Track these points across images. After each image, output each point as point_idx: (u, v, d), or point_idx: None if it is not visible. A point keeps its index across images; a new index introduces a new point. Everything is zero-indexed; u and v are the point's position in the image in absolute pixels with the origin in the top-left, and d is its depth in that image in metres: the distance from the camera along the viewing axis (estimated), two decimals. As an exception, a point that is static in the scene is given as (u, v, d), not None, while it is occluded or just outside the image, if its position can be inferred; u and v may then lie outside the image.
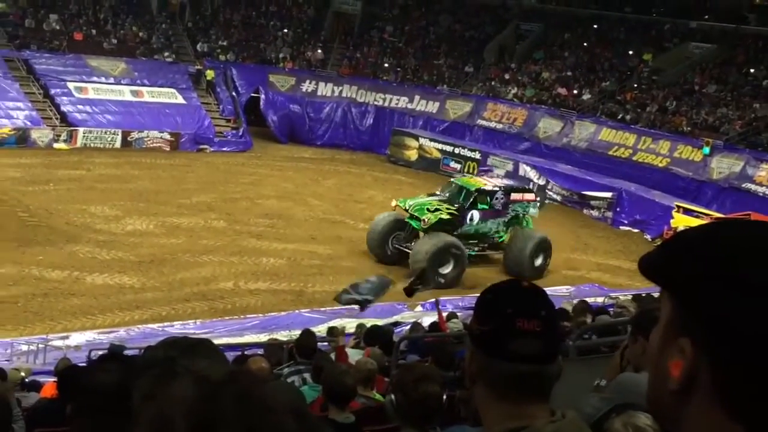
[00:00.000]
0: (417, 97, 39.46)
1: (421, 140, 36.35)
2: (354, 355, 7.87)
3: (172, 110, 35.68)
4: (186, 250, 21.42)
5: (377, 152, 38.10)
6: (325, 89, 39.99)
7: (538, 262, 22.37)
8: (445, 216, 21.47)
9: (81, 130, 32.55)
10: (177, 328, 15.63)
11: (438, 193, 22.88)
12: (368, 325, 11.20)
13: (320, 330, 12.63)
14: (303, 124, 39.31)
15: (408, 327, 13.34)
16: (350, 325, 13.17)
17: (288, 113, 38.96)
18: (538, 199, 24.15)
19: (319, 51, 42.41)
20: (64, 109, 33.27)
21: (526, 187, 24.66)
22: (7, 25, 36.29)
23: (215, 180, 29.66)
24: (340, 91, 40.12)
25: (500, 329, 1.73)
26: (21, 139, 31.03)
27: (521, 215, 23.03)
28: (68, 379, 5.59)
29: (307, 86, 39.74)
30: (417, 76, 41.18)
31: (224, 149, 35.12)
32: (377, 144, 38.62)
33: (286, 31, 43.19)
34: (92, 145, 32.34)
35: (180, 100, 36.41)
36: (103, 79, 35.37)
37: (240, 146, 35.86)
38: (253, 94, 38.62)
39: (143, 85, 36.10)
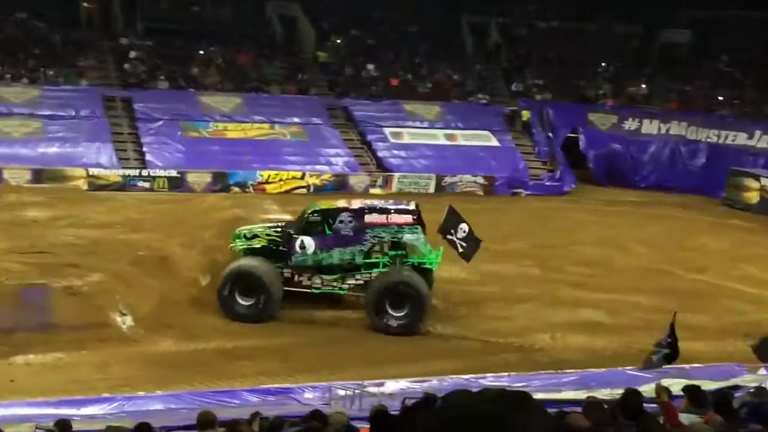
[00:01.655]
0: (758, 133, 37.06)
1: (764, 181, 34.20)
2: (688, 420, 7.41)
3: (486, 153, 36.55)
4: (500, 299, 21.59)
5: (710, 195, 36.25)
6: (650, 126, 38.94)
7: (397, 315, 18.33)
8: (258, 244, 18.65)
9: (396, 175, 34.35)
10: (490, 381, 15.69)
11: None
12: (702, 388, 10.49)
13: (645, 390, 12.08)
14: (625, 164, 38.55)
15: (748, 391, 12.36)
16: (677, 386, 12.47)
17: (608, 153, 38.41)
18: (460, 229, 19.24)
19: (643, 86, 41.38)
20: (380, 154, 35.35)
21: (404, 207, 19.09)
22: (328, 74, 39.51)
23: (530, 225, 29.78)
24: (668, 129, 38.87)
25: None
26: (338, 185, 33.37)
27: (407, 243, 18.71)
28: (380, 423, 5.82)
29: (629, 124, 38.98)
30: (758, 109, 38.74)
31: (539, 193, 35.23)
32: (710, 185, 36.68)
33: (605, 65, 42.70)
34: (406, 189, 33.96)
35: (494, 142, 37.22)
36: (417, 124, 37.25)
37: (556, 190, 35.80)
38: (569, 134, 38.48)
39: (457, 128, 37.43)
